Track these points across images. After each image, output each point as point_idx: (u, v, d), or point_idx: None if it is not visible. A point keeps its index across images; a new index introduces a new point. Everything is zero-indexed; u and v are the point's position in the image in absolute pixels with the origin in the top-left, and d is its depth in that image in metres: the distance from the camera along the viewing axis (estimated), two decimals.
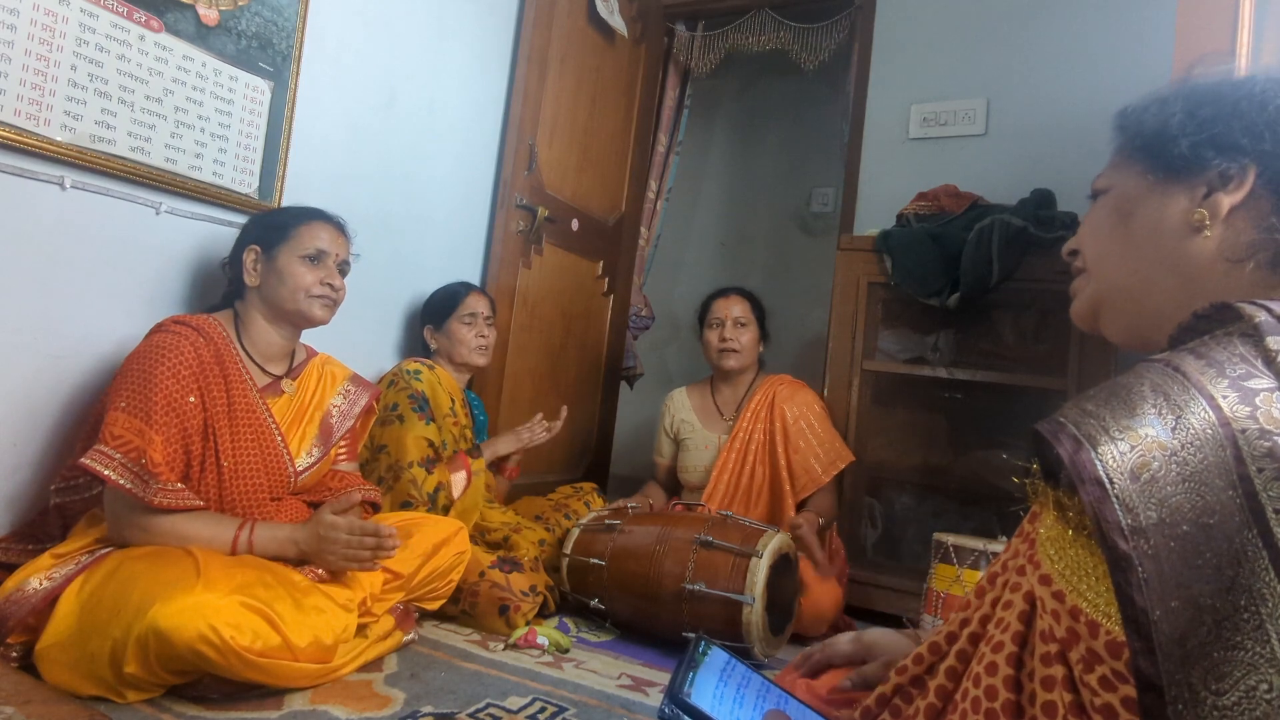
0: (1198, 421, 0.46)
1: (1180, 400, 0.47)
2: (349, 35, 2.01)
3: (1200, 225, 0.65)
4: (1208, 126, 0.65)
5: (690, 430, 2.46)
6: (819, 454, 2.24)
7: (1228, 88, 0.66)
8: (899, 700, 0.70)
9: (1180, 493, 0.45)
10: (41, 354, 1.47)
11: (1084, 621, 0.53)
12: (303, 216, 1.63)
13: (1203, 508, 0.44)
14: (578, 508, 2.28)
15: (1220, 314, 0.54)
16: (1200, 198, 0.65)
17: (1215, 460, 0.45)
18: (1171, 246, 0.66)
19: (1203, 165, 0.65)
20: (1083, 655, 0.53)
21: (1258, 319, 0.50)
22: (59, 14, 1.42)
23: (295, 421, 1.62)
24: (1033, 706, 0.56)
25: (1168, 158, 0.67)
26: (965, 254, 2.20)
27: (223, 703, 1.23)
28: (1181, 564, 0.44)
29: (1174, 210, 0.66)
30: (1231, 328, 0.52)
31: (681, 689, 0.64)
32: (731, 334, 2.38)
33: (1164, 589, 0.43)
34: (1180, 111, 0.67)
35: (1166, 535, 0.44)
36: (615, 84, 3.02)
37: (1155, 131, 0.68)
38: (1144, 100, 0.72)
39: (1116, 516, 0.45)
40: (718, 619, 1.70)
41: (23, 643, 1.24)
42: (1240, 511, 0.44)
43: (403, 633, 1.56)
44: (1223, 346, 0.50)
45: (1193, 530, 0.44)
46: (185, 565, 1.26)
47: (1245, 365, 0.48)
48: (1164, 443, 0.46)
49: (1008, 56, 2.61)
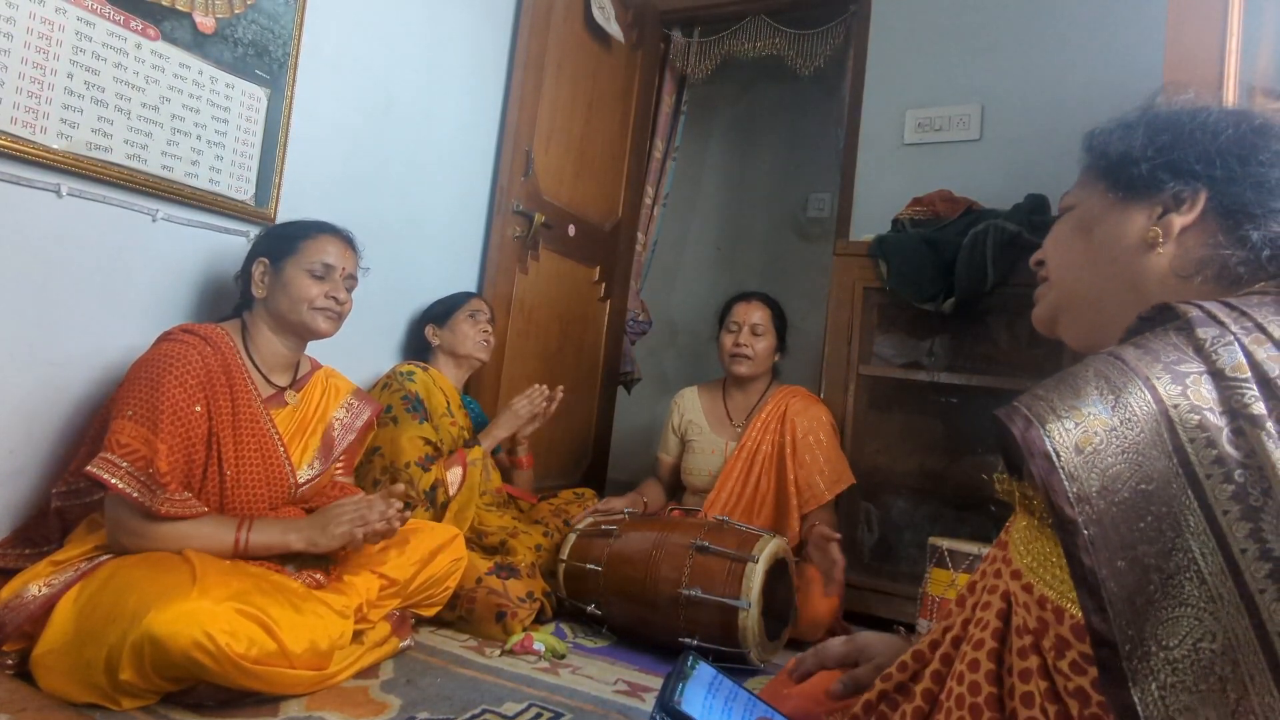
0: (1136, 401, 0.51)
1: (1120, 383, 0.52)
2: (345, 42, 2.02)
3: (1154, 242, 0.70)
4: (1165, 152, 0.71)
5: (698, 432, 2.43)
6: (824, 471, 2.22)
7: (1185, 116, 0.72)
8: (885, 707, 0.71)
9: (1120, 463, 0.49)
10: (39, 361, 1.47)
11: (1050, 609, 0.57)
12: (311, 230, 1.63)
13: (1141, 475, 0.49)
14: (577, 513, 2.28)
15: (1161, 314, 0.59)
16: (1156, 217, 0.71)
17: (1151, 433, 0.50)
18: (1127, 261, 0.72)
19: (1159, 187, 0.71)
20: (1054, 642, 0.56)
21: (1190, 314, 0.55)
22: (55, 22, 1.43)
23: (298, 433, 1.62)
24: (1012, 699, 0.59)
25: (1128, 179, 0.72)
26: (960, 259, 2.21)
27: (218, 710, 1.22)
28: (1125, 527, 0.48)
29: (1132, 227, 0.72)
30: (1170, 324, 0.57)
31: (672, 698, 0.65)
32: (746, 340, 2.35)
33: (1110, 550, 0.47)
34: (1142, 137, 0.72)
35: (1109, 501, 0.48)
36: (612, 90, 3.03)
37: (1119, 154, 0.73)
38: (1111, 124, 0.77)
39: (1063, 485, 0.49)
40: (714, 624, 1.70)
41: (19, 650, 1.24)
42: (1176, 478, 0.48)
43: (399, 639, 1.56)
44: (1159, 338, 0.55)
45: (1133, 496, 0.48)
46: (181, 572, 1.26)
47: (1178, 353, 0.53)
48: (1105, 420, 0.50)
49: (1002, 62, 2.62)
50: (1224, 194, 0.68)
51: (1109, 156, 0.74)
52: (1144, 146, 0.72)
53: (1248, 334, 0.52)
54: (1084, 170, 0.79)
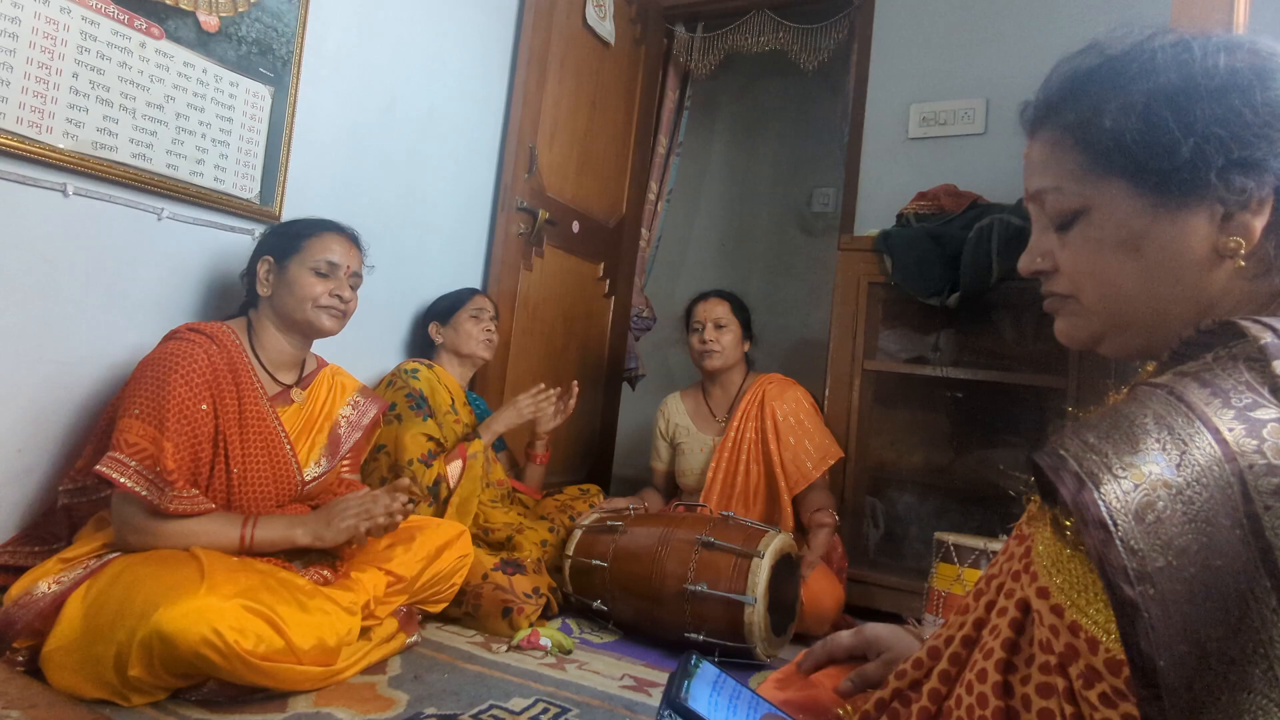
0: (1203, 457, 0.44)
1: (1185, 434, 0.45)
2: (349, 40, 2.02)
3: (1235, 252, 0.58)
4: (1208, 135, 0.57)
5: (685, 434, 2.48)
6: (809, 450, 2.26)
7: (1200, 74, 0.58)
8: (897, 704, 0.70)
9: (1187, 534, 0.43)
10: (47, 360, 1.47)
11: (1084, 638, 0.52)
12: (316, 228, 1.64)
13: (1210, 550, 0.42)
14: (583, 509, 2.28)
15: (1224, 330, 0.51)
16: (1219, 218, 0.58)
17: (1222, 498, 0.43)
18: (1195, 278, 0.59)
19: (1206, 177, 0.57)
20: (1082, 671, 0.52)
21: (1263, 340, 0.47)
22: (60, 22, 1.43)
23: (304, 431, 1.63)
24: (1028, 711, 0.55)
25: (1169, 177, 0.58)
26: (965, 253, 2.20)
27: (227, 706, 1.23)
28: (1189, 608, 0.42)
29: (1195, 238, 0.58)
30: (1236, 348, 0.49)
31: (679, 695, 0.66)
32: (711, 336, 2.41)
33: (1171, 635, 0.41)
34: (1165, 115, 0.58)
35: (1173, 579, 0.42)
36: (615, 86, 3.03)
37: (1141, 143, 0.59)
38: (1084, 86, 0.63)
39: (1122, 561, 0.42)
40: (720, 620, 1.71)
41: (29, 647, 1.25)
42: (1247, 550, 0.42)
43: (406, 635, 1.56)
44: (1228, 373, 0.47)
45: (1200, 573, 0.42)
46: (189, 569, 1.26)
47: (1251, 394, 0.46)
48: (1169, 480, 0.44)
49: (1006, 56, 2.61)
50: None
51: (1128, 150, 0.59)
52: (1176, 130, 0.57)
53: None
54: (1071, 155, 0.63)
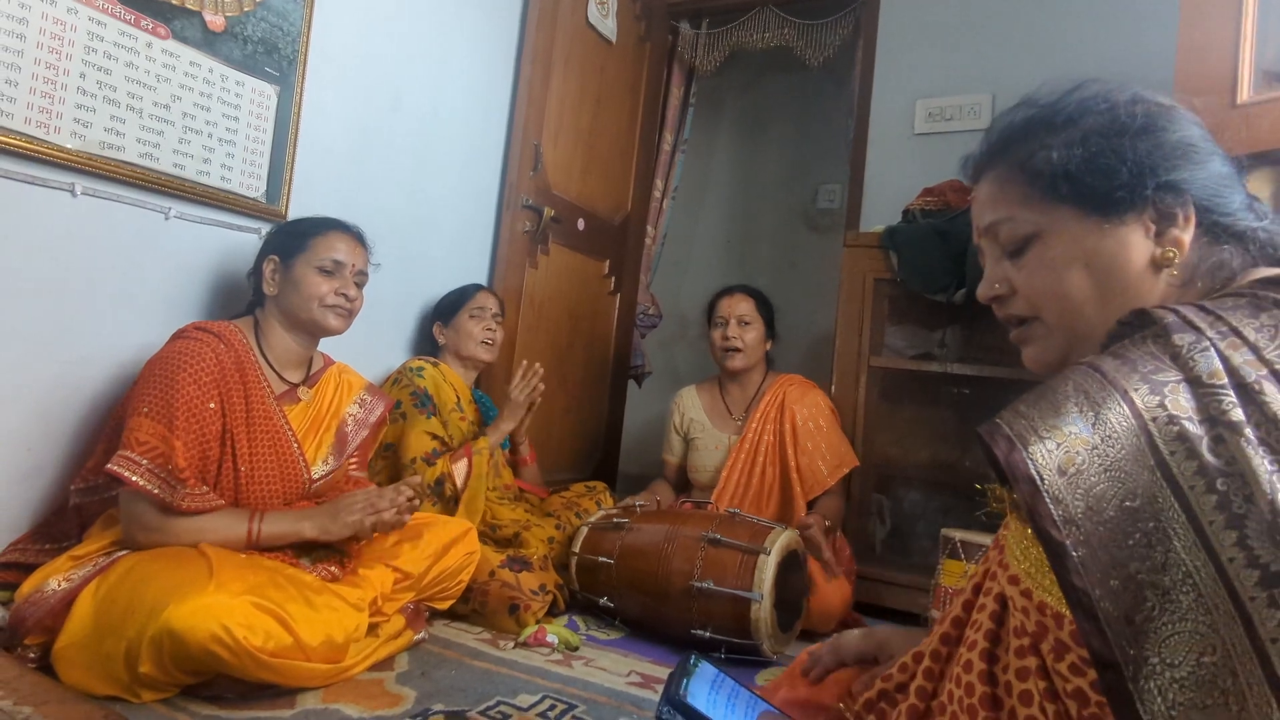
0: (1115, 416, 0.50)
1: (1099, 398, 0.51)
2: (354, 39, 2.03)
3: (1170, 262, 0.66)
4: (1138, 163, 0.66)
5: (700, 430, 2.45)
6: (826, 456, 2.24)
7: (1124, 114, 0.67)
8: (884, 704, 0.72)
9: (1104, 481, 0.49)
10: (56, 360, 1.48)
11: (1050, 614, 0.57)
12: (321, 227, 1.64)
13: (1125, 492, 0.48)
14: (589, 506, 2.28)
15: (1138, 319, 0.58)
16: (1152, 233, 0.66)
17: (1133, 448, 0.49)
18: (1137, 287, 0.67)
19: (1142, 201, 0.66)
20: (1053, 645, 0.57)
21: (1166, 320, 0.54)
22: (67, 23, 1.44)
23: (312, 429, 1.64)
24: (1010, 696, 0.59)
25: (1109, 199, 0.67)
26: (971, 249, 2.20)
27: (236, 702, 1.24)
28: (1114, 546, 0.47)
29: (1135, 252, 0.67)
30: (1146, 330, 0.56)
31: (678, 692, 0.67)
32: (735, 333, 2.37)
33: (1101, 570, 0.47)
34: (1102, 146, 0.67)
35: (1095, 521, 0.48)
36: (620, 83, 3.03)
37: (1087, 170, 0.67)
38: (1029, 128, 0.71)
39: (1049, 509, 0.48)
40: (726, 616, 1.71)
41: (40, 643, 1.26)
42: (1161, 492, 0.48)
43: (413, 632, 1.57)
44: (1137, 347, 0.54)
45: (1119, 514, 0.48)
46: (198, 566, 1.27)
47: (1155, 362, 0.52)
48: (1086, 438, 0.50)
49: (1012, 50, 2.60)
50: (1199, 191, 0.66)
51: (1073, 176, 0.67)
52: (1113, 157, 0.66)
53: (1223, 339, 0.52)
54: (1020, 188, 0.71)
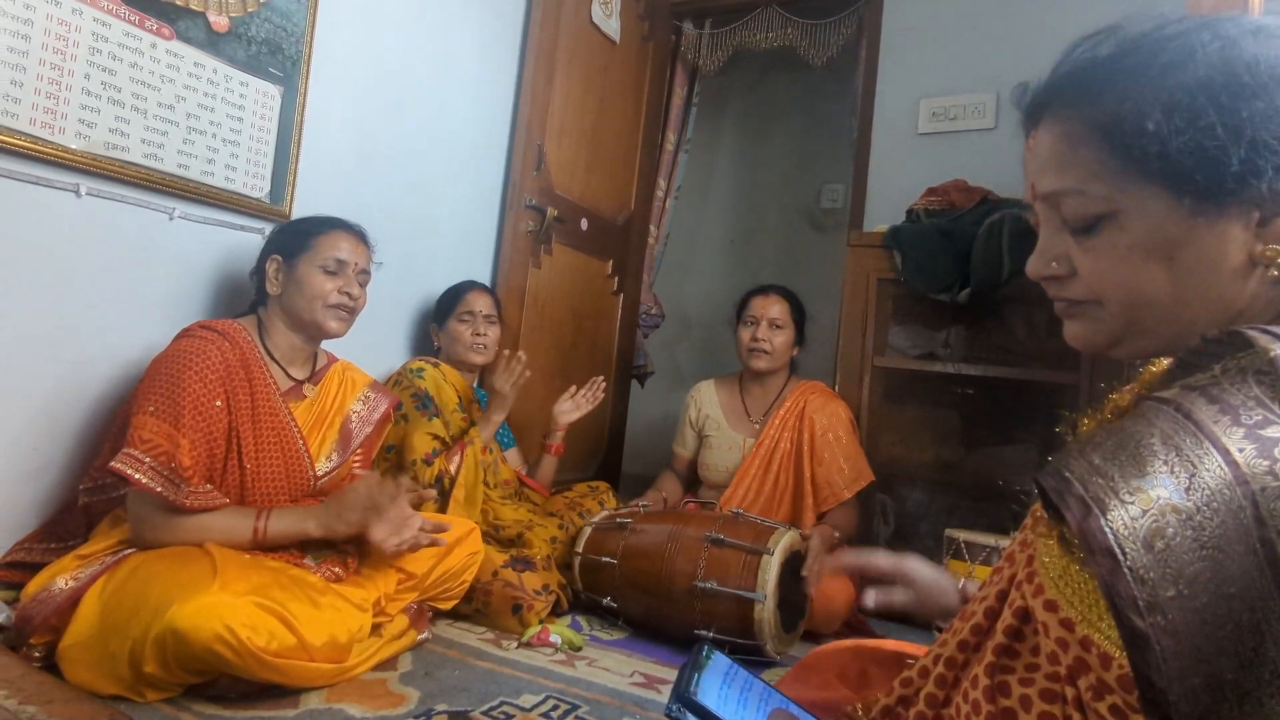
0: (1213, 479, 0.42)
1: (1193, 455, 0.43)
2: (357, 39, 2.03)
3: (1272, 261, 0.54)
4: (1253, 139, 0.53)
5: (715, 427, 2.40)
6: (843, 469, 2.19)
7: (1241, 67, 0.53)
8: (900, 709, 0.70)
9: (1198, 561, 0.41)
10: (61, 360, 1.49)
11: (1096, 654, 0.51)
12: (323, 226, 1.65)
13: (1222, 577, 0.41)
14: (592, 506, 2.28)
15: (1231, 340, 0.49)
16: (1254, 223, 0.54)
17: (1233, 523, 0.41)
18: (1227, 286, 0.56)
19: (1251, 187, 0.53)
20: (1092, 684, 0.51)
21: (1273, 353, 0.45)
22: (72, 24, 1.44)
23: (316, 426, 1.64)
24: (1027, 712, 0.54)
25: (1212, 185, 0.54)
26: (975, 249, 2.19)
27: (240, 702, 1.24)
28: (1202, 639, 0.40)
29: (1231, 246, 0.55)
30: (1244, 360, 0.47)
31: (688, 688, 0.66)
32: (765, 335, 2.30)
33: (1183, 666, 0.40)
34: (1213, 117, 0.53)
35: (1184, 610, 0.40)
36: (623, 83, 3.03)
37: (1186, 150, 0.54)
38: (1109, 73, 0.59)
39: (1131, 591, 0.41)
40: (729, 617, 1.71)
41: (45, 643, 1.26)
42: (1262, 578, 0.40)
43: (417, 632, 1.57)
44: (1236, 387, 0.45)
45: (1212, 602, 0.40)
46: (203, 566, 1.27)
47: (1262, 410, 0.43)
48: (1178, 505, 0.42)
49: (1017, 49, 2.59)
50: None
51: (1170, 154, 0.54)
52: (1225, 135, 0.53)
53: None
54: (1096, 154, 0.58)
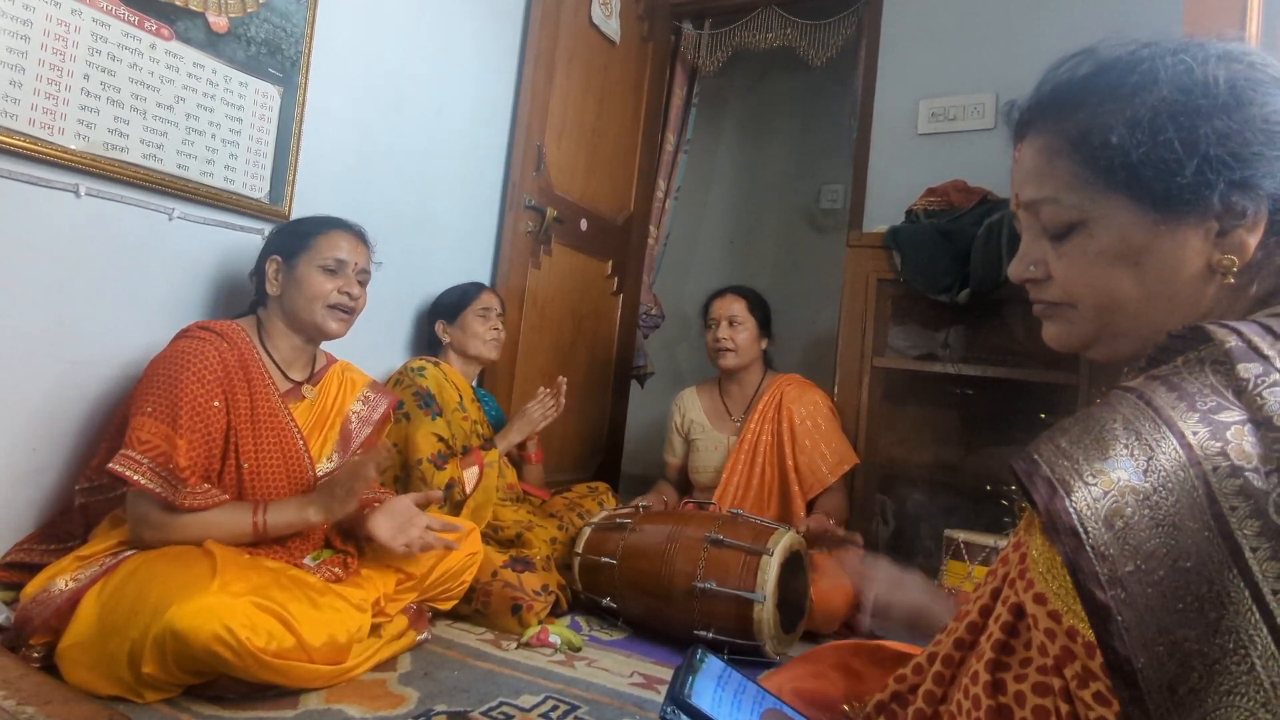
0: (1169, 461, 0.45)
1: (1151, 439, 0.46)
2: (357, 40, 2.03)
3: (1229, 269, 0.57)
4: (1212, 153, 0.56)
5: (700, 431, 2.46)
6: (825, 455, 2.25)
7: (1197, 87, 0.58)
8: (895, 705, 0.70)
9: (1155, 538, 0.44)
10: (60, 360, 1.49)
11: (1081, 643, 0.53)
12: (323, 226, 1.64)
13: (1178, 551, 0.43)
14: (591, 507, 2.29)
15: (1193, 334, 0.52)
16: (1213, 234, 0.58)
17: (1188, 502, 0.44)
18: (1189, 292, 0.59)
19: (1209, 198, 0.57)
20: (1077, 672, 0.53)
21: (1228, 344, 0.48)
22: (71, 24, 1.44)
23: (316, 427, 1.64)
24: (1021, 707, 0.56)
25: (1171, 194, 0.58)
26: (975, 249, 2.19)
27: (239, 702, 1.24)
28: (1162, 610, 0.43)
29: (1190, 253, 0.58)
30: (1204, 351, 0.50)
31: (682, 691, 0.66)
32: (726, 334, 2.39)
33: (1146, 636, 0.43)
34: (1170, 131, 0.57)
35: (1143, 583, 0.43)
36: (622, 83, 3.03)
37: (1148, 160, 0.58)
38: (1082, 91, 0.63)
39: (1093, 567, 0.44)
40: (729, 617, 1.71)
41: (45, 643, 1.26)
42: (1218, 552, 0.43)
43: (416, 632, 1.57)
44: (1194, 376, 0.49)
45: (1170, 575, 0.43)
46: (202, 566, 1.27)
47: (1216, 397, 0.47)
48: (1136, 486, 0.45)
49: (1016, 50, 2.60)
50: (1276, 186, 0.56)
51: (1131, 165, 0.58)
52: (1182, 149, 0.56)
53: None
54: (1069, 166, 0.62)
